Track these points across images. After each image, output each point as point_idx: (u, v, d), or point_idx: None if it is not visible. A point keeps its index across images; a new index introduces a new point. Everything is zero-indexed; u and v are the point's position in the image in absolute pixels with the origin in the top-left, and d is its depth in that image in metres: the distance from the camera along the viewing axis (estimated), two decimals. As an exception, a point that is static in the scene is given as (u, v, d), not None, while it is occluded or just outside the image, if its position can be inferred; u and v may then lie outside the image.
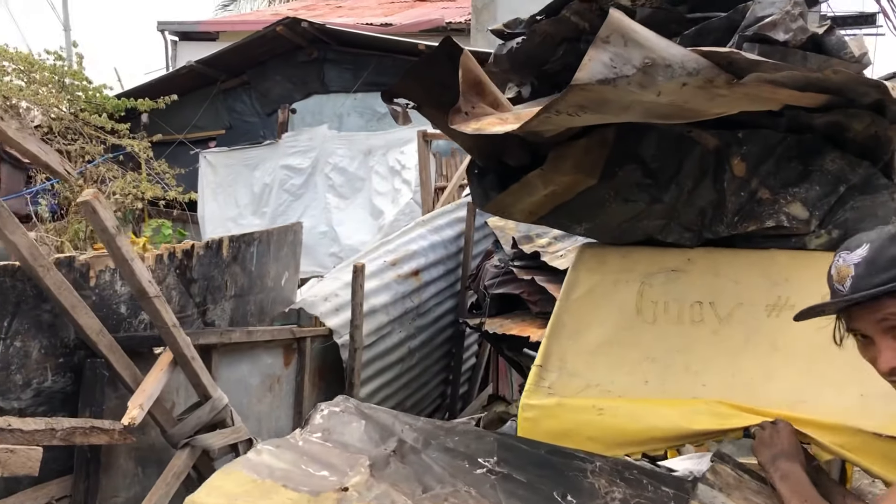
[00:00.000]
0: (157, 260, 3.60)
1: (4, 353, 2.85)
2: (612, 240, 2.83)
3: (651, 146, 2.67)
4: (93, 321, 3.09)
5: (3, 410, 2.86)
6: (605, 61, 1.88)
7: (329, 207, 9.89)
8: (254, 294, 4.49)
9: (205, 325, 4.03)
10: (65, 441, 2.88)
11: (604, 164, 2.66)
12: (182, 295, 3.81)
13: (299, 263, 5.29)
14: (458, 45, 2.32)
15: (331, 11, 18.76)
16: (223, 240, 4.09)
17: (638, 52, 1.88)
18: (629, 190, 2.67)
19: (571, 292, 2.78)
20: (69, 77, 9.79)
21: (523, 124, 2.01)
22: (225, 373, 4.08)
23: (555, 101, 1.93)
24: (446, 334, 6.33)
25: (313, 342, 4.83)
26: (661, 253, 2.75)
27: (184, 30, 16.88)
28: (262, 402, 4.41)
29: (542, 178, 2.65)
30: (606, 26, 1.88)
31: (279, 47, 10.92)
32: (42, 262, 2.88)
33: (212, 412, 3.56)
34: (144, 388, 3.27)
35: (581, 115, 2.03)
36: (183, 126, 11.17)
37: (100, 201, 2.96)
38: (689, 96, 2.06)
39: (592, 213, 2.75)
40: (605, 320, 2.66)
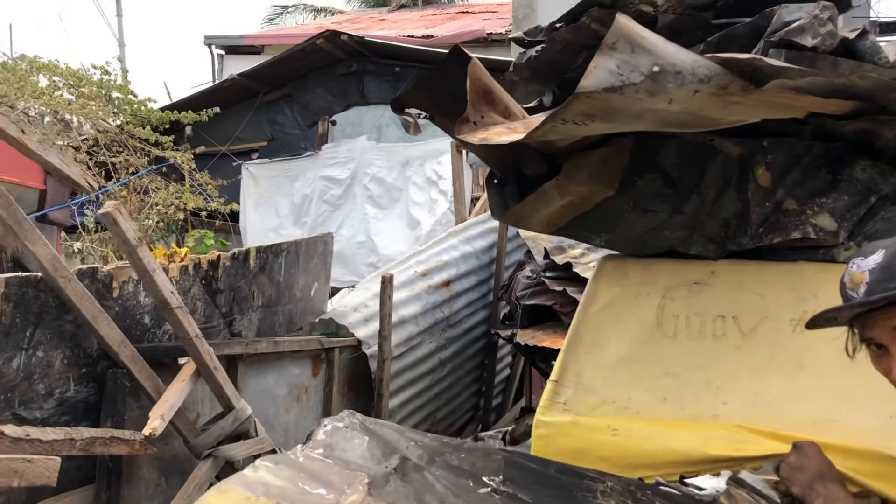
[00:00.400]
0: (181, 271, 3.63)
1: (27, 363, 2.89)
2: (633, 251, 2.76)
3: (671, 155, 2.60)
4: (114, 332, 3.11)
5: (25, 420, 2.90)
6: (611, 68, 1.82)
7: (367, 218, 9.93)
8: (282, 304, 4.49)
9: (231, 336, 4.04)
10: (84, 451, 2.90)
11: (622, 174, 2.59)
12: (207, 305, 3.82)
13: (330, 274, 5.29)
14: (467, 54, 2.28)
15: (374, 24, 18.92)
16: (250, 250, 4.11)
17: (646, 58, 1.82)
18: (649, 200, 2.60)
19: (590, 305, 2.71)
20: (115, 91, 10.01)
21: (529, 133, 1.96)
22: (251, 383, 4.09)
23: (560, 110, 1.88)
24: (478, 345, 6.27)
25: (342, 352, 4.82)
26: (684, 265, 2.66)
27: (229, 44, 17.18)
28: (290, 412, 4.40)
29: (558, 189, 2.59)
30: (613, 32, 1.82)
31: (320, 60, 11.01)
32: (63, 273, 2.91)
33: (235, 423, 3.56)
34: (166, 398, 3.28)
35: (589, 123, 1.97)
36: (226, 138, 11.33)
37: (120, 212, 2.99)
38: (703, 104, 1.98)
39: (611, 224, 2.68)
40: (624, 334, 2.59)
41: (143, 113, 10.28)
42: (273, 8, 24.20)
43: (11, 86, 8.71)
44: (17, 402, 2.87)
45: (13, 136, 2.57)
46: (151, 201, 9.36)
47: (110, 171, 9.38)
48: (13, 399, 2.85)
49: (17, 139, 2.57)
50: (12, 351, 2.83)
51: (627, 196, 2.59)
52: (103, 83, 9.80)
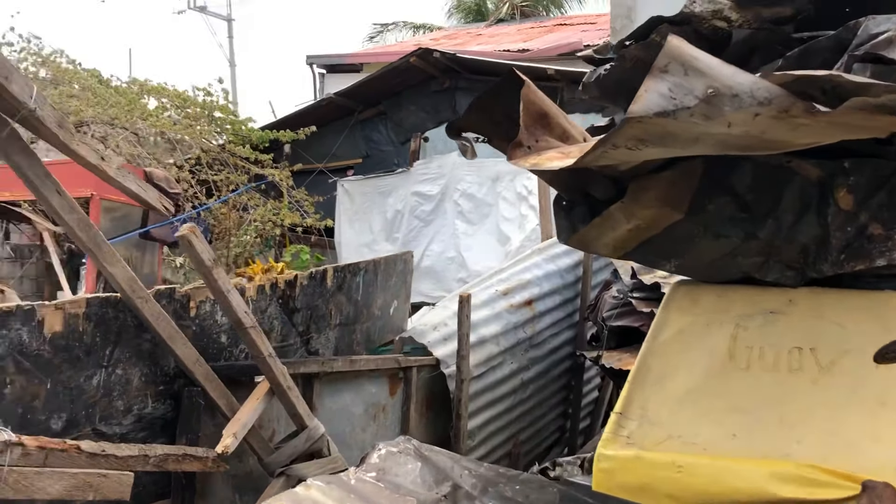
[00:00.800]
0: (258, 290, 3.71)
1: (106, 381, 3.01)
2: (705, 278, 2.64)
3: (745, 177, 2.47)
4: (190, 351, 3.20)
5: (104, 435, 3.01)
6: (663, 92, 1.74)
7: (457, 233, 9.94)
8: (360, 323, 4.53)
9: (308, 354, 4.10)
10: (158, 467, 2.99)
11: (691, 197, 2.48)
12: (284, 324, 3.89)
13: (410, 292, 5.31)
14: (521, 77, 2.23)
15: (471, 39, 19.02)
16: (327, 270, 4.16)
17: (700, 81, 1.73)
18: (721, 224, 2.48)
19: (659, 334, 2.61)
20: (218, 111, 10.42)
21: (579, 159, 1.89)
22: (328, 402, 4.13)
23: (611, 135, 1.80)
24: (564, 366, 6.15)
25: (420, 372, 4.81)
26: (760, 293, 2.53)
27: (330, 63, 17.64)
28: (366, 431, 4.42)
29: (624, 212, 2.51)
30: (664, 54, 1.74)
31: (413, 77, 11.14)
32: (141, 293, 3.01)
33: (308, 442, 3.60)
34: (239, 416, 3.35)
35: (643, 148, 1.89)
36: (323, 155, 11.60)
37: (196, 235, 3.07)
38: (766, 127, 1.87)
39: (681, 249, 2.57)
40: (694, 365, 2.47)
41: (244, 132, 10.64)
42: (374, 26, 24.72)
43: (122, 108, 9.19)
44: (98, 418, 2.99)
45: (93, 163, 2.67)
46: (250, 218, 9.66)
47: (212, 188, 9.75)
48: (94, 415, 2.97)
49: (96, 166, 2.67)
50: (93, 368, 2.96)
51: (697, 220, 2.48)
52: (206, 104, 10.20)
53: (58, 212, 2.75)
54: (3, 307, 2.67)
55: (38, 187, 2.68)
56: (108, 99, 9.31)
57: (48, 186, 2.70)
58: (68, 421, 2.87)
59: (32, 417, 2.76)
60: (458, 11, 25.32)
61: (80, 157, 2.73)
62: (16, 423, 2.69)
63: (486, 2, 24.85)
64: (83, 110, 8.65)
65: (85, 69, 10.12)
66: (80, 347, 2.90)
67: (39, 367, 2.76)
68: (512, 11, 22.52)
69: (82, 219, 2.83)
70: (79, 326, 2.89)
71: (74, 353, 2.88)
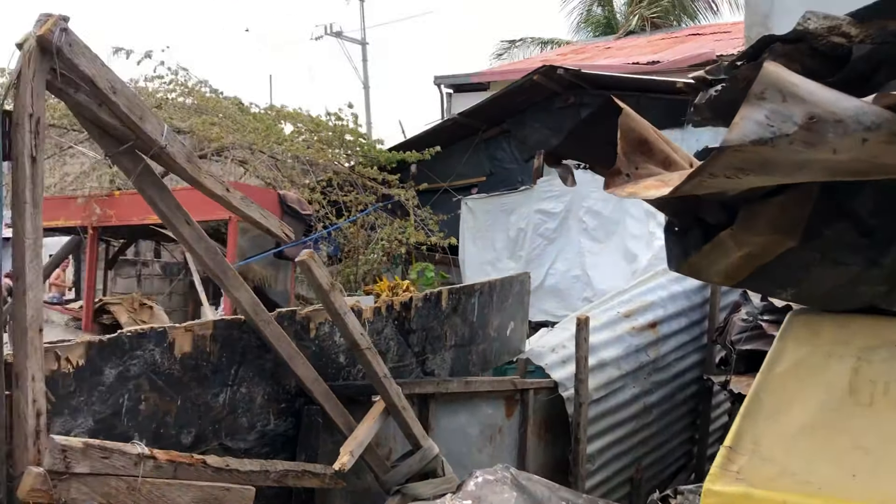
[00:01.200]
0: (375, 312, 3.82)
1: (231, 398, 3.18)
2: (824, 307, 2.51)
3: (867, 201, 2.33)
4: (308, 371, 3.34)
5: (230, 450, 3.19)
6: (759, 120, 1.69)
7: (582, 251, 9.82)
8: (475, 344, 4.57)
9: (424, 374, 4.18)
10: (278, 482, 3.13)
11: (806, 223, 2.37)
12: (400, 345, 3.99)
13: (527, 313, 5.30)
14: (618, 105, 2.21)
15: (598, 53, 18.80)
16: (442, 292, 4.23)
17: (800, 107, 1.67)
18: (840, 251, 2.35)
19: (775, 365, 2.50)
20: (348, 134, 10.81)
21: (674, 189, 1.85)
22: (443, 422, 4.19)
23: (707, 164, 1.76)
24: (690, 391, 5.96)
25: (537, 394, 4.80)
26: (886, 323, 2.38)
27: (457, 82, 17.91)
28: (482, 452, 4.45)
29: (734, 239, 2.43)
30: (760, 81, 1.69)
31: (537, 95, 11.15)
32: (263, 316, 3.18)
33: (422, 461, 3.66)
34: (356, 435, 3.45)
35: (742, 177, 1.83)
36: (448, 174, 11.79)
37: (315, 260, 3.21)
38: (879, 152, 1.77)
39: (797, 277, 2.45)
40: (811, 399, 2.35)
41: (373, 154, 10.98)
42: (501, 43, 24.86)
43: (260, 134, 9.70)
44: (224, 434, 3.17)
45: (219, 194, 2.85)
46: (377, 236, 9.94)
47: (342, 208, 10.11)
48: (220, 430, 3.15)
49: (222, 197, 2.85)
50: (219, 387, 3.14)
51: (813, 247, 2.36)
52: (337, 128, 10.60)
53: (187, 241, 2.95)
54: (137, 330, 2.88)
55: (169, 219, 2.89)
56: (247, 125, 9.86)
57: (178, 217, 2.91)
58: (196, 436, 3.06)
59: (164, 432, 2.96)
60: (587, 25, 25.09)
61: (206, 189, 2.92)
62: (149, 437, 2.89)
63: (615, 15, 24.51)
64: (223, 137, 9.19)
65: (226, 97, 10.76)
66: (207, 367, 3.09)
67: (171, 385, 2.96)
68: (642, 23, 22.07)
69: (210, 247, 3.03)
70: (206, 347, 3.08)
71: (202, 371, 3.07)
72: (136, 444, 2.61)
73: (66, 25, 2.48)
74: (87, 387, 2.71)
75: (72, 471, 2.40)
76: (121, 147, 2.72)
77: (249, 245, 8.32)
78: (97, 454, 2.48)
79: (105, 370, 2.76)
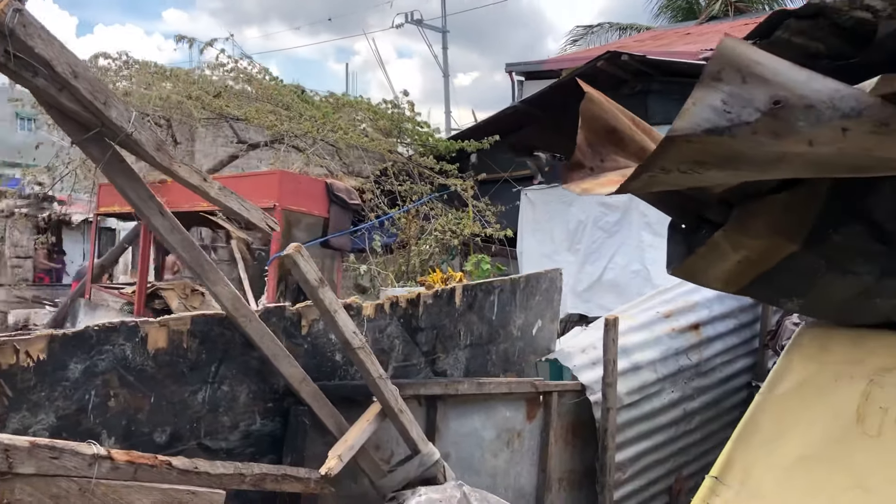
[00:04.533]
0: (377, 309, 3.64)
1: (212, 396, 3.06)
2: (837, 320, 2.19)
3: (884, 201, 2.01)
4: (295, 370, 3.19)
5: (210, 449, 3.07)
6: (714, 105, 1.42)
7: (643, 245, 9.41)
8: (495, 343, 4.35)
9: (434, 374, 3.99)
10: (255, 486, 2.99)
11: (812, 225, 2.06)
12: (407, 344, 3.80)
13: (558, 312, 5.03)
14: (582, 88, 1.94)
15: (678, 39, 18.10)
16: (455, 288, 4.02)
17: (762, 90, 1.39)
18: (849, 259, 2.03)
19: (777, 384, 2.20)
20: (406, 122, 10.67)
21: (621, 186, 1.60)
22: (454, 425, 3.98)
23: (653, 158, 1.51)
24: (738, 397, 5.56)
25: (562, 397, 4.54)
26: (907, 342, 2.05)
27: (529, 69, 17.59)
28: (499, 457, 4.23)
29: (728, 241, 2.14)
30: (716, 58, 1.43)
31: (603, 82, 10.72)
32: (244, 312, 3.04)
33: (420, 468, 3.47)
34: (347, 438, 3.29)
35: (703, 171, 1.56)
36: (509, 164, 11.51)
37: (301, 254, 3.05)
38: (872, 144, 1.48)
39: (803, 286, 2.15)
40: (813, 426, 2.05)
41: (431, 143, 10.81)
42: (577, 29, 24.32)
43: (316, 122, 9.66)
44: (203, 433, 3.05)
45: (195, 184, 2.72)
46: (431, 227, 9.78)
47: (396, 198, 9.99)
48: (199, 429, 3.04)
49: (198, 187, 2.72)
50: (198, 384, 3.02)
51: (818, 253, 2.05)
52: (394, 116, 10.47)
53: (160, 232, 2.83)
54: (105, 323, 2.79)
55: (140, 208, 2.78)
56: (304, 113, 9.83)
57: (150, 208, 2.79)
58: (172, 435, 2.95)
59: (136, 430, 2.86)
60: (668, 10, 24.27)
61: (181, 179, 2.79)
62: (119, 434, 2.80)
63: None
64: (276, 125, 9.18)
65: (284, 85, 10.75)
66: (184, 363, 2.97)
67: (143, 382, 2.85)
68: (725, 8, 21.18)
69: (185, 239, 2.90)
70: (183, 343, 2.97)
71: (179, 368, 2.96)
72: (91, 444, 2.50)
73: (21, 6, 2.38)
74: (49, 382, 2.62)
75: (14, 471, 2.31)
76: (88, 133, 2.61)
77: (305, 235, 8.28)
78: (45, 454, 2.38)
79: (70, 365, 2.67)
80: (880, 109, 1.37)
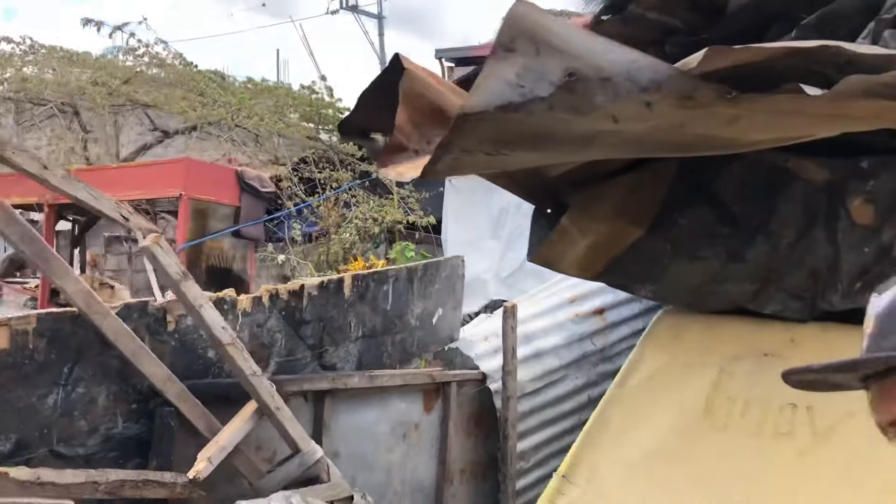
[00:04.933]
0: (255, 302, 3.48)
1: (65, 400, 2.87)
2: (689, 307, 2.12)
3: (732, 183, 1.93)
4: (158, 369, 3.02)
5: (64, 457, 2.88)
6: (508, 79, 1.30)
7: (565, 231, 9.41)
8: (391, 334, 4.22)
9: (323, 369, 3.85)
10: (111, 494, 2.82)
11: (658, 209, 1.97)
12: (290, 338, 3.65)
13: (461, 299, 4.93)
14: (402, 64, 1.82)
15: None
16: (344, 278, 3.88)
17: (556, 61, 1.28)
18: (696, 243, 1.96)
19: (629, 376, 2.13)
20: (325, 108, 10.44)
21: (424, 170, 1.48)
22: (344, 420, 3.85)
23: (448, 139, 1.38)
24: (646, 381, 5.56)
25: (461, 387, 4.44)
26: (758, 328, 1.99)
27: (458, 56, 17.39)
28: (394, 451, 4.11)
29: (576, 225, 2.05)
30: (507, 27, 1.31)
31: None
32: (98, 308, 2.85)
33: (300, 467, 3.34)
34: (219, 439, 3.13)
35: (510, 152, 1.45)
36: (433, 150, 11.39)
37: (160, 246, 2.88)
38: (682, 119, 1.37)
39: (653, 272, 2.07)
40: (662, 420, 1.98)
41: (353, 128, 10.60)
42: (510, 16, 24.24)
43: (228, 109, 9.37)
44: (56, 439, 2.86)
45: (34, 172, 2.51)
46: (351, 215, 9.61)
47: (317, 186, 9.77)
48: (50, 436, 2.84)
49: (38, 175, 2.52)
50: (47, 387, 2.82)
51: (663, 237, 1.97)
52: (313, 102, 10.24)
53: (-6, 225, 2.62)
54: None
55: (-31, 200, 2.56)
56: (218, 100, 9.53)
57: (-19, 199, 2.58)
58: (18, 443, 2.75)
59: (-26, 438, 2.66)
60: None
61: (17, 166, 2.59)
62: (-47, 444, 2.59)
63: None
64: (188, 111, 8.87)
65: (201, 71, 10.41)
66: (30, 365, 2.77)
67: (-20, 387, 2.65)
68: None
69: (25, 232, 2.69)
70: (28, 343, 2.76)
71: (24, 370, 2.75)
72: None
73: None
74: None
75: None
76: None
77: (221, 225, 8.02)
78: None
79: None
80: (681, 81, 1.27)
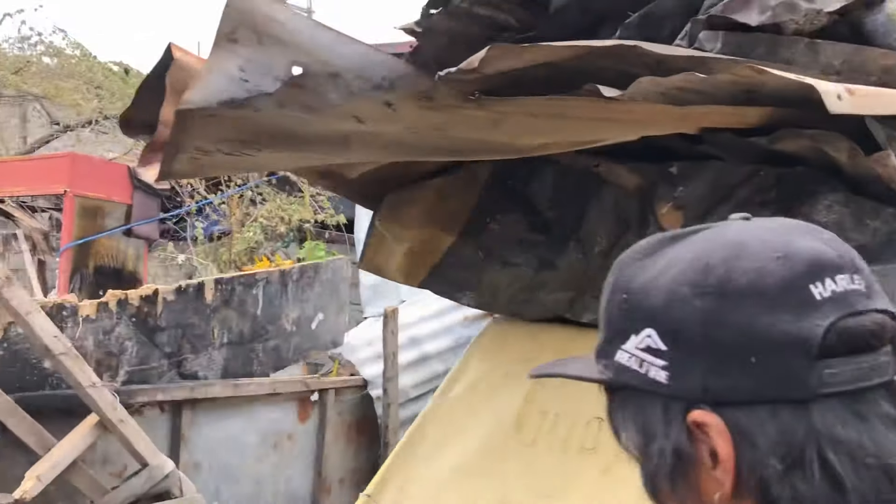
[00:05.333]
0: (99, 308, 3.27)
1: None
2: (508, 315, 2.03)
3: (545, 188, 1.84)
4: (-22, 382, 2.80)
5: None
6: (231, 73, 1.16)
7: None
8: (261, 340, 4.05)
9: (182, 378, 3.65)
10: (-83, 519, 2.59)
11: (469, 215, 1.87)
12: (143, 345, 3.45)
13: (345, 302, 4.79)
14: (171, 53, 1.67)
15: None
16: (205, 283, 3.70)
17: (282, 54, 1.14)
18: (508, 249, 1.86)
19: (451, 387, 2.02)
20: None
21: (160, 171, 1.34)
22: (206, 431, 3.68)
23: (172, 137, 1.24)
24: (538, 384, 5.51)
25: (340, 394, 4.31)
26: (576, 337, 1.90)
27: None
28: (264, 462, 3.95)
29: (388, 231, 1.93)
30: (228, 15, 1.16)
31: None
32: None
33: (148, 482, 3.15)
34: (51, 455, 2.93)
35: (255, 153, 1.31)
36: (347, 147, 11.20)
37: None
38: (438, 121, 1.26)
39: (470, 279, 1.97)
40: (476, 434, 1.87)
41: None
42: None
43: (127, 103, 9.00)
44: None
45: None
46: (256, 214, 9.34)
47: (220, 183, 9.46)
48: None
49: None
50: None
51: (475, 244, 1.87)
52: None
53: None
54: None
55: None
56: (115, 92, 9.15)
57: None
58: None
59: None
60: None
61: None
62: None
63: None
64: (81, 104, 8.49)
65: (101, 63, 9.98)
66: None
67: None
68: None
69: None
70: None
71: None
72: None
73: None
74: None
75: None
76: None
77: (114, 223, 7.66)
78: None
79: None
80: (416, 81, 1.16)
